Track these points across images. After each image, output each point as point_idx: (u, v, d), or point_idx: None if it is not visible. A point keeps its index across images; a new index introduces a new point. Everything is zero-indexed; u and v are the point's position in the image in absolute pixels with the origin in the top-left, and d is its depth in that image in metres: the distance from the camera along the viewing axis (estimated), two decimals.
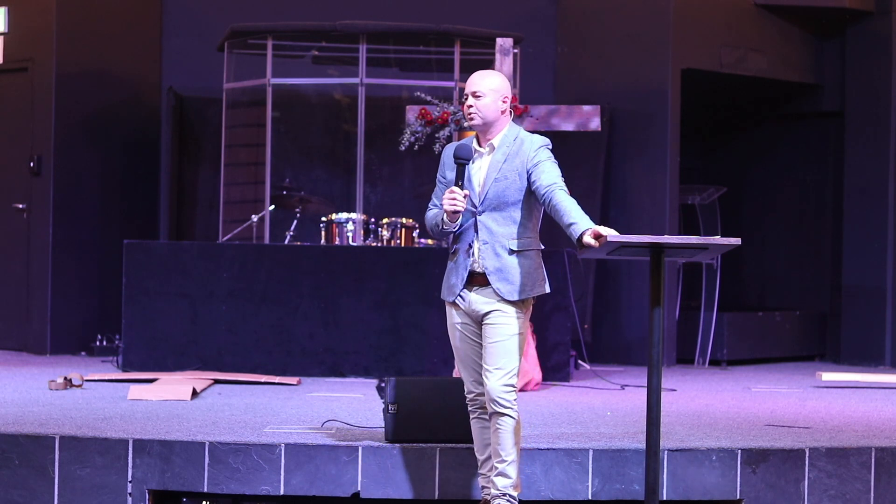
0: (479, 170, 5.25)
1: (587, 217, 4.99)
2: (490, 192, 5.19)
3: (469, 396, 5.39)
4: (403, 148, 8.84)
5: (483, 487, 5.45)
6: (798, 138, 12.36)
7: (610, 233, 4.86)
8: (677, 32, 10.86)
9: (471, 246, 5.22)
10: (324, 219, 10.02)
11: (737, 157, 12.64)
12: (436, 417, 5.88)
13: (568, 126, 9.51)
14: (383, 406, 5.99)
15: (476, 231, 5.21)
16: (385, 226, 9.83)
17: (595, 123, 9.58)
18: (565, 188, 5.14)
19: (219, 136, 10.97)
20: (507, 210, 5.21)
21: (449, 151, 5.37)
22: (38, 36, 10.83)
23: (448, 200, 5.11)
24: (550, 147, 5.29)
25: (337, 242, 9.83)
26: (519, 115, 8.77)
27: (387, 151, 10.87)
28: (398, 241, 9.73)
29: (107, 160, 11.11)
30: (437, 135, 8.72)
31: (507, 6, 11.58)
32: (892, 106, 11.24)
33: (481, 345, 5.26)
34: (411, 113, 8.81)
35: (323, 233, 9.99)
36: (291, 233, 10.22)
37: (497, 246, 5.21)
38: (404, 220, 9.77)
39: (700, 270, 11.20)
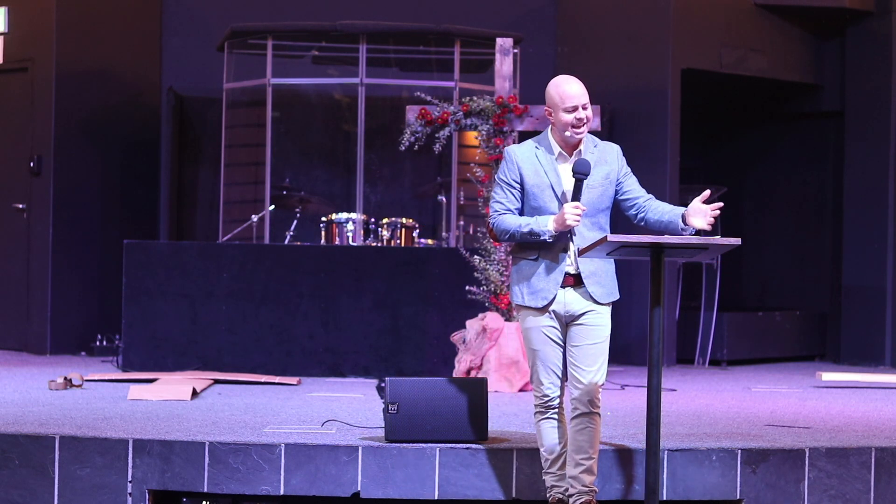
0: (568, 177, 5.26)
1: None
2: (584, 199, 5.22)
3: (544, 400, 5.40)
4: (403, 148, 8.84)
5: (552, 486, 5.48)
6: (798, 138, 12.35)
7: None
8: (677, 32, 10.86)
9: (566, 250, 5.26)
10: (324, 219, 10.02)
11: (737, 157, 12.63)
12: (436, 417, 5.88)
13: None
14: (383, 406, 5.99)
15: (571, 236, 5.24)
16: (385, 226, 9.83)
17: (595, 123, 9.56)
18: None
19: (219, 136, 10.97)
20: (596, 216, 5.29)
21: (517, 156, 5.32)
22: (38, 36, 10.82)
23: (574, 217, 5.11)
24: None
25: (337, 242, 9.83)
26: (519, 115, 8.77)
27: (387, 151, 10.87)
28: (398, 241, 9.73)
29: (107, 160, 11.11)
30: (437, 135, 8.72)
31: (507, 6, 11.58)
32: (892, 106, 11.23)
33: (563, 347, 5.34)
34: (411, 113, 8.80)
35: (323, 233, 9.99)
36: (291, 233, 10.22)
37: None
38: (404, 220, 9.77)
39: (700, 270, 11.19)
